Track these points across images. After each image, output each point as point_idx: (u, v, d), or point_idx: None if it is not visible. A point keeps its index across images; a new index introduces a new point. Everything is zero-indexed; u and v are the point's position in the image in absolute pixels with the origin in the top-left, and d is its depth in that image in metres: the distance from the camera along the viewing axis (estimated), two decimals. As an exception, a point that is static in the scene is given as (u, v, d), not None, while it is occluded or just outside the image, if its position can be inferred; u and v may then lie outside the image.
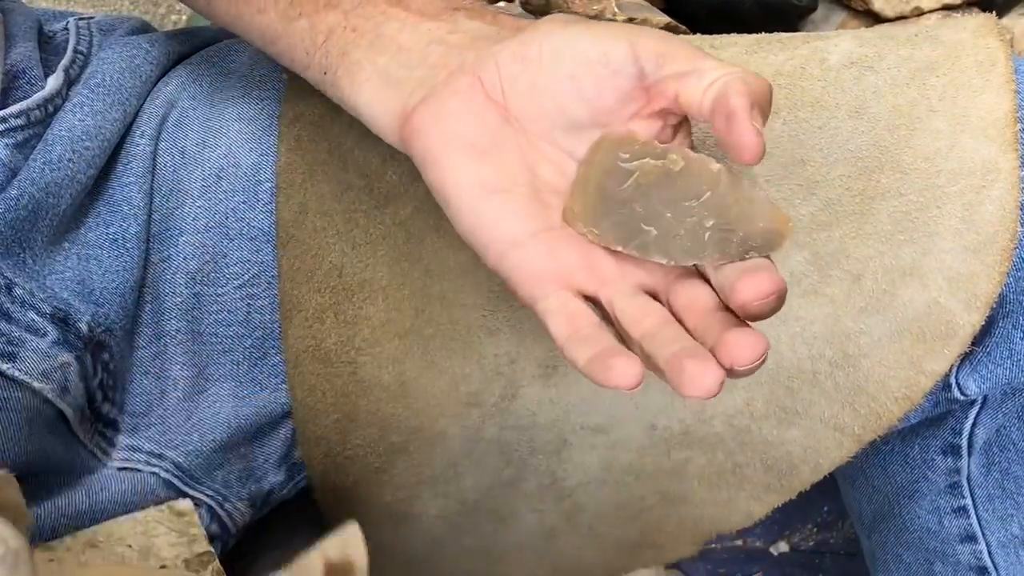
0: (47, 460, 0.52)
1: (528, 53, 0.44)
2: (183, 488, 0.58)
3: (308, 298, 0.57)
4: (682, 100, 0.43)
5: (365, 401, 0.58)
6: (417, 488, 0.61)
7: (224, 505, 0.59)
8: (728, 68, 0.42)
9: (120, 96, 0.57)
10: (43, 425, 0.51)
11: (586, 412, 0.59)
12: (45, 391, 0.51)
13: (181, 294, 0.57)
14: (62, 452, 0.53)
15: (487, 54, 0.45)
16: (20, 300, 0.52)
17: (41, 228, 0.53)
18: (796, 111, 0.53)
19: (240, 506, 0.60)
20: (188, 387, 0.58)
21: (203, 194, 0.57)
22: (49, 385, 0.51)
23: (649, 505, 0.63)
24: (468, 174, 0.45)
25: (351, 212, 0.57)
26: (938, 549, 0.66)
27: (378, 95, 0.47)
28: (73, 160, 0.53)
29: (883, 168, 0.53)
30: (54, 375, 0.52)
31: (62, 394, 0.52)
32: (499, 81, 0.45)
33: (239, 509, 0.60)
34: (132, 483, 0.56)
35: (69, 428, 0.53)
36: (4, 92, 0.54)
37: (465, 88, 0.45)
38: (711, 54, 0.43)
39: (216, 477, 0.59)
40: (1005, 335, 0.55)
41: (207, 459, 0.58)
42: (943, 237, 0.52)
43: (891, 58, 0.54)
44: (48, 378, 0.51)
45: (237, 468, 0.60)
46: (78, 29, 0.60)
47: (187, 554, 0.54)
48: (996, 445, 0.62)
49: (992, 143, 0.52)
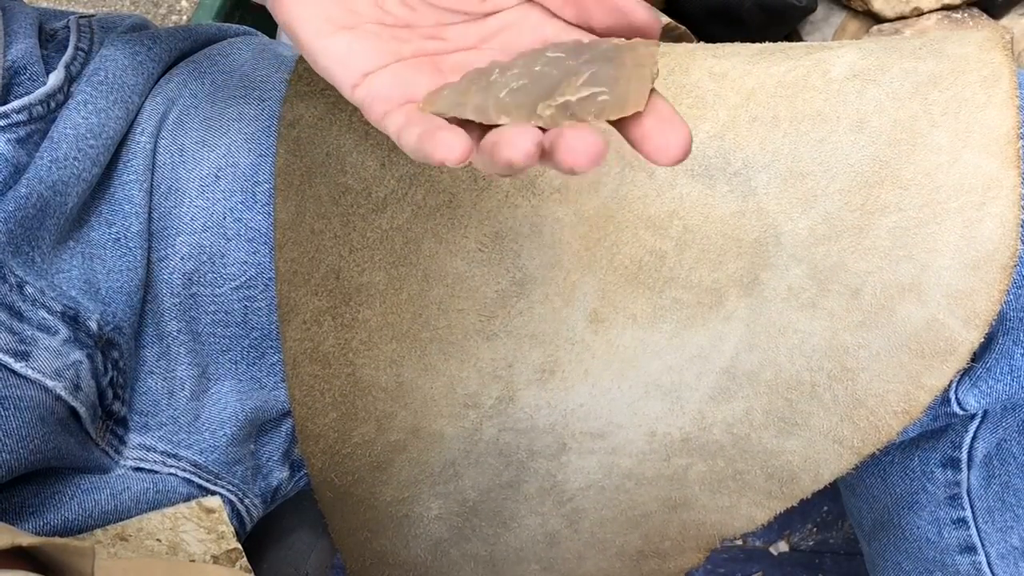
0: (62, 458, 0.52)
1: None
2: (205, 485, 0.58)
3: (306, 301, 0.57)
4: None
5: (363, 400, 0.58)
6: (417, 487, 0.61)
7: (244, 501, 0.60)
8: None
9: (123, 93, 0.57)
10: (56, 423, 0.52)
11: (584, 418, 0.59)
12: (57, 389, 0.51)
13: (179, 294, 0.57)
14: (77, 450, 0.54)
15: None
16: (31, 298, 0.52)
17: (48, 227, 0.53)
18: (797, 123, 0.53)
19: (257, 502, 0.61)
20: (194, 387, 0.58)
21: (201, 194, 0.57)
22: (61, 383, 0.51)
23: (651, 511, 0.63)
24: (313, 12, 0.44)
25: (348, 215, 0.57)
26: (938, 559, 0.66)
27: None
28: (79, 158, 0.53)
29: (883, 183, 0.52)
30: (66, 373, 0.52)
31: (74, 392, 0.52)
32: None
33: (256, 505, 0.61)
34: (154, 483, 0.56)
35: (82, 426, 0.54)
36: (5, 88, 0.54)
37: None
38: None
39: (235, 473, 0.59)
40: (1005, 351, 0.54)
41: (222, 455, 0.59)
42: (942, 253, 0.52)
43: (894, 71, 0.53)
44: (60, 376, 0.51)
45: (250, 465, 0.60)
46: (79, 26, 0.60)
47: (215, 550, 0.55)
48: (996, 458, 0.61)
49: (994, 159, 0.51)
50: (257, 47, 0.63)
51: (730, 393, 0.57)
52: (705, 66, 0.55)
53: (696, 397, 0.58)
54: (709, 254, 0.55)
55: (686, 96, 0.54)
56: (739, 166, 0.53)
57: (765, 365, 0.56)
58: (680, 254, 0.55)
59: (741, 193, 0.53)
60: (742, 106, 0.54)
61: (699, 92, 0.54)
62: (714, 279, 0.55)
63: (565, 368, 0.57)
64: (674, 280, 0.55)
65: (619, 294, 0.56)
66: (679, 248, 0.55)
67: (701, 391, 0.57)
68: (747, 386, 0.57)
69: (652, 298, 0.56)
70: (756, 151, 0.53)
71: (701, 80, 0.55)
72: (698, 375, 0.57)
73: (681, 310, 0.56)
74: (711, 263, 0.55)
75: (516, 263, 0.56)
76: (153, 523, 0.54)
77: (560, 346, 0.57)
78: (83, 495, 0.54)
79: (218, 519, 0.55)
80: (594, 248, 0.55)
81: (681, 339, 0.56)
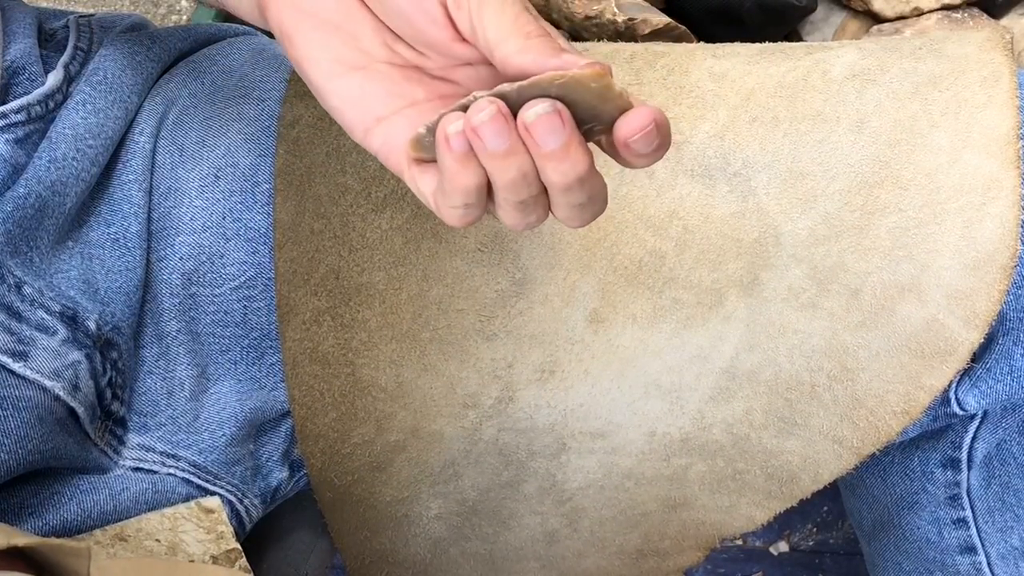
0: (60, 458, 0.52)
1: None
2: (204, 485, 0.58)
3: (305, 301, 0.57)
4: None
5: (363, 400, 0.58)
6: (416, 487, 0.61)
7: (243, 501, 0.60)
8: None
9: (121, 93, 0.57)
10: (55, 423, 0.52)
11: (584, 417, 0.59)
12: (56, 389, 0.51)
13: (178, 294, 0.57)
14: (75, 450, 0.54)
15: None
16: (30, 299, 0.52)
17: (47, 227, 0.53)
18: (797, 123, 0.53)
19: (256, 502, 0.61)
20: (193, 387, 0.58)
21: (200, 194, 0.57)
22: (60, 383, 0.51)
23: (650, 511, 0.63)
24: (323, 53, 0.44)
25: (348, 215, 0.57)
26: (938, 559, 0.66)
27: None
28: (77, 158, 0.53)
29: (883, 183, 0.52)
30: (65, 373, 0.52)
31: (73, 392, 0.52)
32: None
33: (255, 505, 0.61)
34: (152, 483, 0.56)
35: (80, 426, 0.54)
36: (4, 88, 0.54)
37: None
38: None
39: (235, 473, 0.59)
40: (1005, 352, 0.54)
41: (221, 455, 0.59)
42: (942, 254, 0.52)
43: (894, 71, 0.53)
44: (59, 376, 0.51)
45: (250, 465, 0.60)
46: (78, 26, 0.60)
47: (215, 551, 0.55)
48: (996, 459, 0.61)
49: (994, 160, 0.51)
50: (256, 47, 0.63)
51: (730, 393, 0.57)
52: (705, 66, 0.55)
53: (696, 397, 0.57)
54: (709, 254, 0.55)
55: (686, 96, 0.54)
56: (739, 166, 0.53)
57: (765, 365, 0.56)
58: (680, 254, 0.55)
59: (741, 193, 0.53)
60: (742, 106, 0.54)
61: (699, 92, 0.54)
62: (714, 279, 0.55)
63: (565, 368, 0.57)
64: (674, 280, 0.55)
65: (619, 294, 0.56)
66: (679, 248, 0.55)
67: (701, 391, 0.57)
68: (747, 386, 0.57)
69: (652, 298, 0.55)
70: (756, 151, 0.53)
71: (701, 80, 0.55)
72: (698, 375, 0.57)
73: (681, 310, 0.56)
74: (711, 263, 0.55)
75: (516, 263, 0.56)
76: (152, 523, 0.54)
77: (560, 346, 0.57)
78: (82, 495, 0.54)
79: (217, 519, 0.55)
80: (594, 248, 0.55)
81: (681, 339, 0.56)
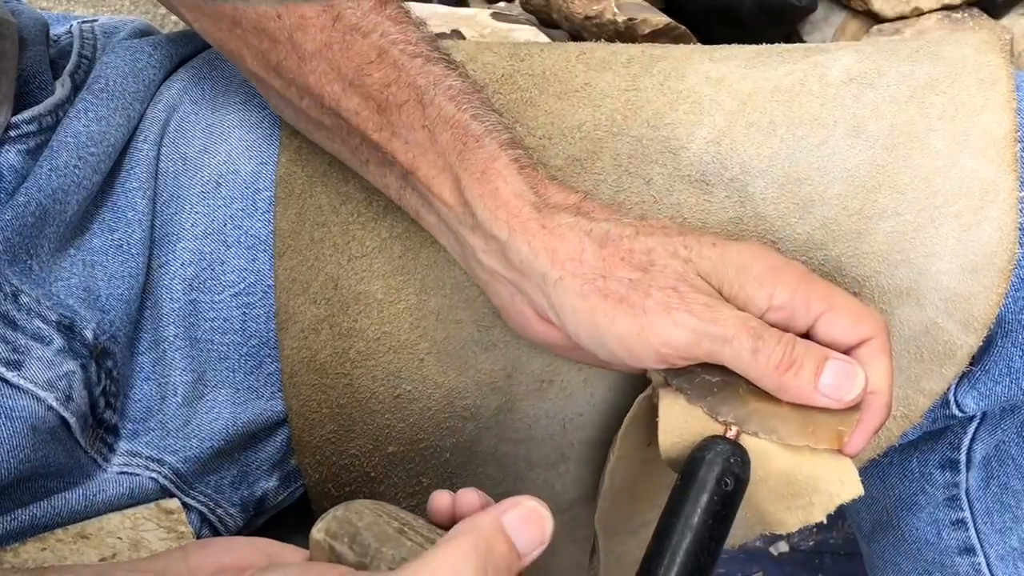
0: (48, 466, 0.52)
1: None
2: (176, 494, 0.58)
3: (304, 309, 0.57)
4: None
5: (360, 413, 0.58)
6: (414, 500, 0.61)
7: (216, 511, 0.59)
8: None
9: (124, 101, 0.57)
10: (46, 432, 0.51)
11: (583, 427, 0.59)
12: (49, 400, 0.51)
13: (178, 300, 0.57)
14: (63, 458, 0.53)
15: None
16: (26, 308, 0.52)
17: (48, 235, 0.53)
18: (794, 128, 0.53)
19: (232, 511, 0.60)
20: (187, 392, 0.58)
21: (202, 200, 0.57)
22: (54, 394, 0.51)
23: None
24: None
25: (348, 224, 0.56)
26: (937, 560, 0.66)
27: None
28: (79, 166, 0.53)
29: (881, 187, 0.52)
30: (59, 384, 0.51)
31: (66, 403, 0.52)
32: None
33: (231, 514, 0.60)
34: (129, 487, 0.56)
35: (71, 435, 0.53)
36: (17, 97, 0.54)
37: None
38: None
39: (209, 483, 0.59)
40: (1004, 354, 0.54)
41: (202, 465, 0.58)
42: (940, 258, 0.52)
43: (891, 74, 0.53)
44: (53, 387, 0.51)
45: (231, 473, 0.60)
46: (82, 33, 0.60)
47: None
48: (995, 460, 0.61)
49: (991, 163, 0.51)
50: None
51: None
52: (702, 70, 0.55)
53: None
54: (707, 260, 0.54)
55: (682, 102, 0.54)
56: (736, 172, 0.53)
57: None
58: (678, 260, 0.55)
59: (738, 199, 0.53)
60: (739, 111, 0.53)
61: (695, 97, 0.54)
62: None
63: (564, 377, 0.57)
64: (672, 287, 0.55)
65: (618, 302, 0.55)
66: (677, 255, 0.55)
67: (701, 397, 0.57)
68: None
69: (651, 305, 0.55)
70: (753, 157, 0.53)
71: (698, 85, 0.54)
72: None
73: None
74: (709, 269, 0.54)
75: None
76: (113, 523, 0.53)
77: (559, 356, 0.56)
78: (55, 496, 0.53)
79: (177, 520, 0.55)
80: (592, 255, 0.55)
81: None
